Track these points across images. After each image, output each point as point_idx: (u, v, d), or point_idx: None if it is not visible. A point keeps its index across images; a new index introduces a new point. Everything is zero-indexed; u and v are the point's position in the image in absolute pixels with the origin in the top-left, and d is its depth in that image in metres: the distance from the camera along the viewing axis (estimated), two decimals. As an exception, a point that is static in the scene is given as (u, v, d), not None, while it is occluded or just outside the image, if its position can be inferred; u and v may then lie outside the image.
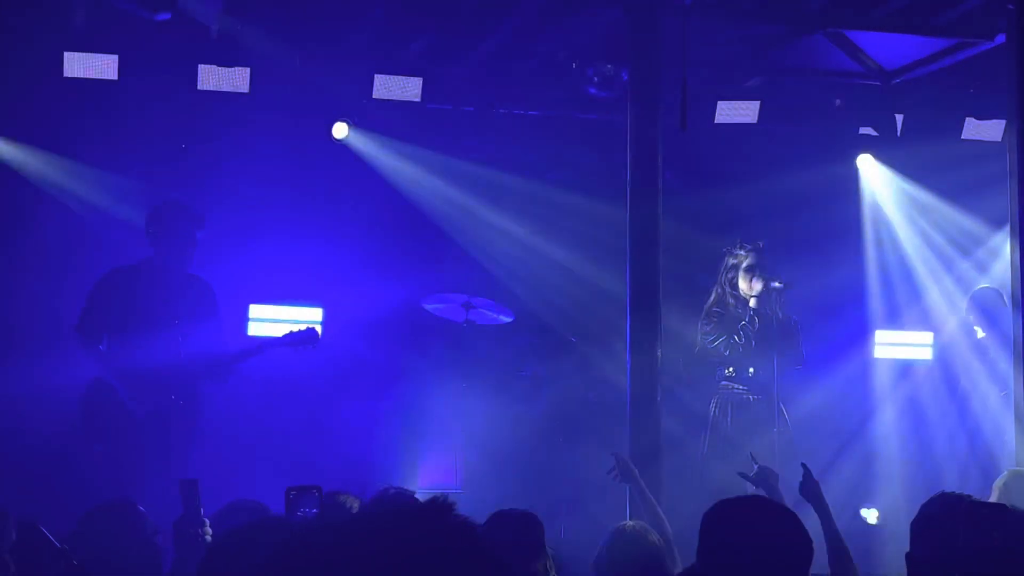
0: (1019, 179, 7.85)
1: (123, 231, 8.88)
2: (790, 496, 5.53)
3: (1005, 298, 9.03)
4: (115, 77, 8.91)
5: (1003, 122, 9.45)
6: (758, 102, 10.33)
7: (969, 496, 4.31)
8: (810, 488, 5.09)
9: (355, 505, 4.63)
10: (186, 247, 7.78)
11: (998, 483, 6.19)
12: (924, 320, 10.85)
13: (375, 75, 9.41)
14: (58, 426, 8.46)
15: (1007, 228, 8.33)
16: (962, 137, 10.43)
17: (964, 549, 3.22)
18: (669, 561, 4.91)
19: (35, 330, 8.98)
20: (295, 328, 7.86)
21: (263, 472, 8.59)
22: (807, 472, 5.18)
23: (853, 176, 10.79)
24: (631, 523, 5.04)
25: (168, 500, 5.18)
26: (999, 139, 9.74)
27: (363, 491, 5.05)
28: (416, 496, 2.62)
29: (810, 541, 2.94)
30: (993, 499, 5.93)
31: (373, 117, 9.64)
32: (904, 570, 4.30)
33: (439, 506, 1.52)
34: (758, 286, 8.71)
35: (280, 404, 9.55)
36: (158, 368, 7.51)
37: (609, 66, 9.82)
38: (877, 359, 10.76)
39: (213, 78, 8.99)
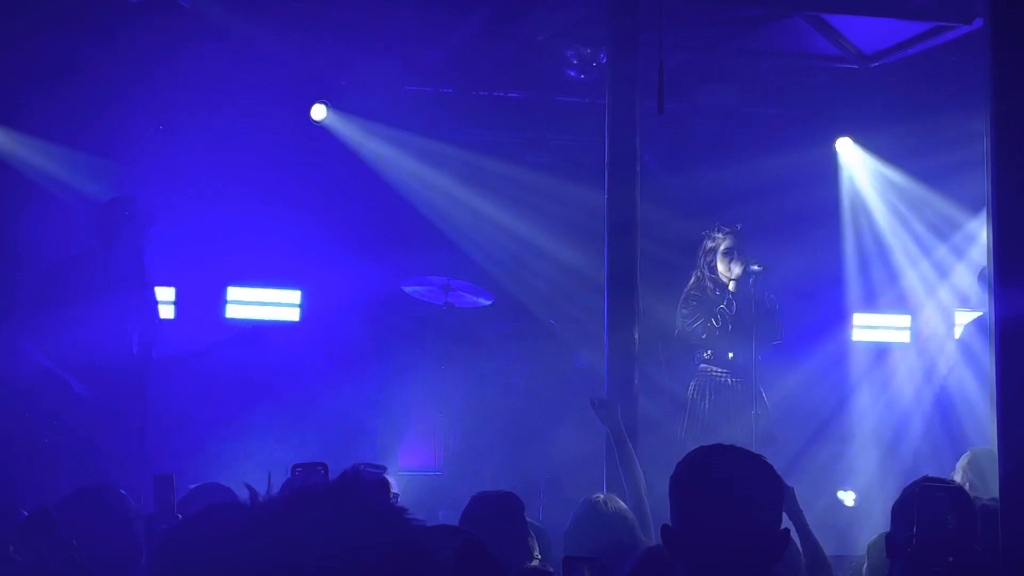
0: (995, 164, 7.83)
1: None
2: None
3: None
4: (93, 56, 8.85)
5: (981, 106, 9.45)
6: (737, 85, 10.34)
7: (953, 481, 4.31)
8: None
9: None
10: (136, 246, 7.50)
11: (962, 462, 6.25)
12: (901, 303, 10.89)
13: (354, 56, 9.38)
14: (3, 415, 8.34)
15: (984, 213, 8.34)
16: (940, 121, 10.44)
17: (925, 531, 3.23)
18: (642, 531, 4.89)
19: None
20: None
21: (239, 456, 8.57)
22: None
23: (832, 159, 10.80)
24: (601, 495, 5.03)
25: (126, 486, 5.18)
26: (977, 124, 9.75)
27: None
28: (385, 472, 2.59)
29: (781, 481, 2.92)
30: (957, 477, 5.98)
31: (352, 99, 9.61)
32: (882, 552, 4.33)
33: (346, 483, 1.37)
34: (737, 269, 8.71)
35: (257, 387, 9.52)
36: (105, 352, 7.38)
37: (588, 48, 9.81)
38: (854, 342, 10.80)
39: (191, 58, 8.93)
